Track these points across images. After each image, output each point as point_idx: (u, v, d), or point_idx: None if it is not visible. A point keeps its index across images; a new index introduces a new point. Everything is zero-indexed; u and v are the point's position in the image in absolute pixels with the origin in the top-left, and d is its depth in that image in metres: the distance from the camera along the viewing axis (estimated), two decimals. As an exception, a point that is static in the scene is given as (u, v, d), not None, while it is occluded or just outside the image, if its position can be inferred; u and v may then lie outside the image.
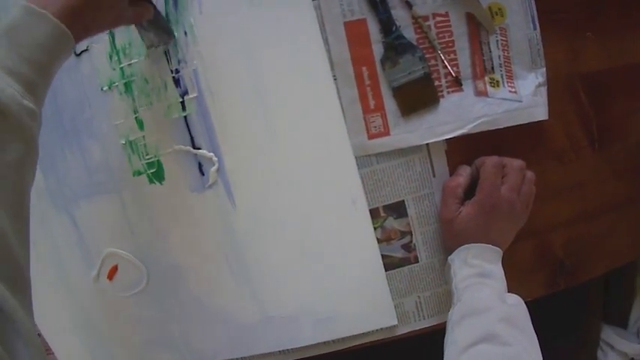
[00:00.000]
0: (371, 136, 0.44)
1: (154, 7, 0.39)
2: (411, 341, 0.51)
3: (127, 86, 0.44)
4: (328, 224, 0.45)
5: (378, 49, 0.42)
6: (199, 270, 0.48)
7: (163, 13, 0.42)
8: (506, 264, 0.43)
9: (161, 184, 0.45)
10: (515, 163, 0.43)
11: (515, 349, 0.36)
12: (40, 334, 0.54)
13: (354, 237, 0.45)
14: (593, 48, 0.46)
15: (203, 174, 0.45)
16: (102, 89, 0.45)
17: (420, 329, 0.50)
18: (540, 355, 0.38)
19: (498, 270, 0.42)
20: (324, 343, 0.49)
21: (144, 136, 0.45)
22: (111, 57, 0.44)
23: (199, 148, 0.44)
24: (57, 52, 0.32)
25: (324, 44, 0.42)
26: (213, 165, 0.44)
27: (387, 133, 0.44)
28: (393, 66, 0.42)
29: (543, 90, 0.45)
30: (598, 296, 0.66)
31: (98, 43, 0.44)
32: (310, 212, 0.45)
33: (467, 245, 0.42)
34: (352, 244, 0.45)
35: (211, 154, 0.44)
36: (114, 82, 0.44)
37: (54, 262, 0.50)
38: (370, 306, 0.47)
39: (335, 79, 0.42)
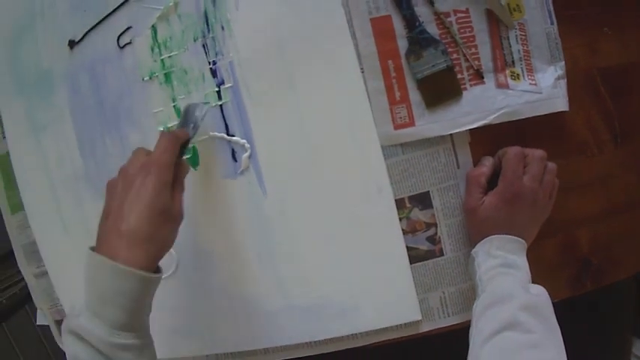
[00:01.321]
0: (397, 127, 0.46)
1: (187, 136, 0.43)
2: (435, 341, 0.51)
3: (167, 77, 0.47)
4: (354, 213, 0.46)
5: (402, 44, 0.44)
6: (227, 256, 0.50)
7: (202, 9, 0.45)
8: (530, 260, 0.43)
9: (195, 169, 0.48)
10: (536, 153, 0.44)
11: (537, 337, 0.37)
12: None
13: (380, 226, 0.46)
14: (610, 43, 0.48)
15: (236, 160, 0.47)
16: (143, 79, 0.48)
17: (444, 327, 0.50)
18: (562, 346, 0.38)
19: (522, 261, 0.42)
20: (348, 337, 0.50)
21: (181, 124, 0.47)
22: (152, 49, 0.47)
23: (233, 135, 0.46)
24: (143, 293, 0.37)
25: (352, 39, 0.44)
26: (246, 152, 0.46)
27: (412, 123, 0.45)
28: (417, 59, 0.44)
29: (563, 82, 0.46)
30: (630, 309, 0.65)
31: (140, 37, 0.47)
32: (337, 201, 0.46)
33: (490, 237, 0.43)
34: (378, 233, 0.47)
35: (244, 140, 0.46)
36: (154, 73, 0.47)
37: (89, 244, 0.52)
38: (394, 299, 0.48)
39: (362, 72, 0.45)
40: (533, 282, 0.42)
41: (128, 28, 0.47)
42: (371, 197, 0.46)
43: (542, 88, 0.46)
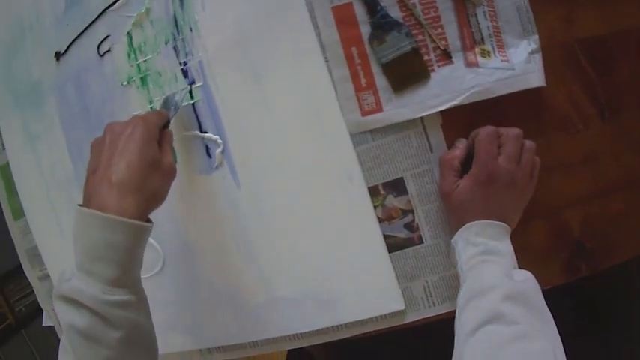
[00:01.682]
0: (364, 113, 0.45)
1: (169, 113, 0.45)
2: (426, 330, 0.50)
3: (143, 80, 0.49)
4: (327, 202, 0.46)
5: (365, 30, 0.44)
6: (211, 251, 0.51)
7: (171, 12, 0.47)
8: (518, 247, 0.41)
9: (174, 167, 0.49)
10: (511, 132, 0.42)
11: (523, 328, 0.34)
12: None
13: (355, 215, 0.46)
14: (588, 13, 0.45)
15: (210, 156, 0.48)
16: (122, 84, 0.50)
17: (432, 317, 0.48)
18: (553, 333, 0.36)
19: (504, 246, 0.40)
20: (334, 329, 0.50)
21: (158, 125, 0.49)
22: (129, 55, 0.49)
23: (206, 132, 0.48)
24: (135, 245, 0.37)
25: (314, 29, 0.44)
26: (219, 147, 0.47)
27: (379, 109, 0.45)
28: (381, 44, 0.44)
29: (537, 57, 0.44)
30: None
31: (118, 44, 0.50)
32: (310, 192, 0.46)
33: (468, 224, 0.41)
34: (353, 222, 0.46)
35: (217, 136, 0.47)
36: (132, 77, 0.50)
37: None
38: (375, 289, 0.47)
39: (327, 61, 0.45)
40: (522, 269, 0.40)
41: (107, 37, 0.50)
42: (343, 186, 0.46)
43: (515, 64, 0.44)
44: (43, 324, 0.62)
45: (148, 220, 0.40)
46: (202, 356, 0.56)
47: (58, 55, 0.52)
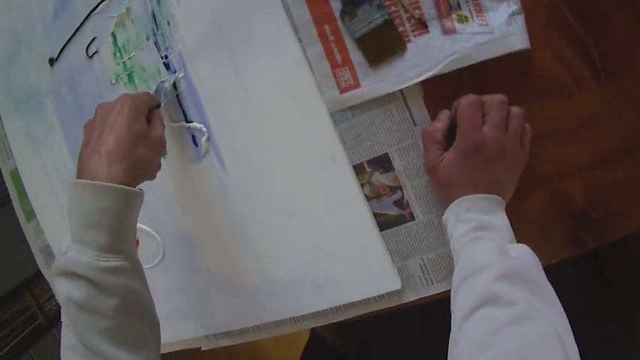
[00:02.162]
0: (342, 90, 0.45)
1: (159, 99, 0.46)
2: (428, 309, 0.49)
3: (130, 76, 0.51)
4: (312, 183, 0.46)
5: (336, 5, 0.44)
6: (207, 238, 0.52)
7: (149, 9, 0.48)
8: (517, 221, 0.39)
9: (165, 159, 0.51)
10: (494, 98, 0.40)
11: (521, 309, 0.32)
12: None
13: (341, 195, 0.46)
14: (570, -33, 0.43)
15: (197, 145, 0.49)
16: (111, 82, 0.52)
17: (431, 296, 0.48)
18: (556, 311, 0.33)
19: (498, 220, 0.38)
20: (333, 311, 0.50)
21: (146, 118, 0.51)
22: (115, 54, 0.51)
23: (191, 122, 0.49)
24: (125, 211, 0.38)
25: (285, 11, 0.44)
26: (203, 135, 0.48)
27: (357, 85, 0.45)
28: (352, 18, 0.43)
29: (519, 18, 0.42)
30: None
31: (104, 45, 0.51)
32: (294, 173, 0.46)
33: (458, 200, 0.39)
34: (340, 201, 0.46)
35: (201, 125, 0.48)
36: (119, 75, 0.51)
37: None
38: (370, 269, 0.47)
39: (300, 41, 0.45)
40: (523, 243, 0.38)
41: (94, 39, 0.52)
42: (326, 166, 0.45)
43: (495, 28, 0.42)
44: (62, 319, 0.65)
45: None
46: (209, 342, 0.57)
47: (52, 61, 0.54)
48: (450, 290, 0.45)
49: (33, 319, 1.09)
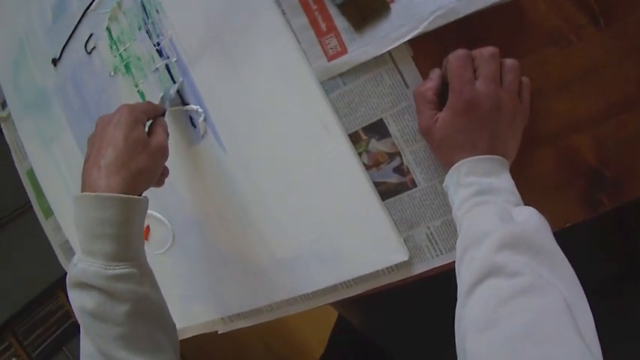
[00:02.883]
0: (330, 58, 0.45)
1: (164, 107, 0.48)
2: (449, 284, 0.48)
3: (127, 67, 0.52)
4: (309, 156, 0.46)
5: (317, -27, 0.44)
6: (213, 219, 0.53)
7: (139, 0, 0.50)
8: (524, 183, 0.38)
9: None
10: (484, 51, 0.38)
11: (526, 279, 0.30)
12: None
13: (338, 165, 0.46)
14: None
15: (195, 127, 0.50)
16: (110, 75, 0.54)
17: (441, 266, 0.46)
18: (569, 279, 0.31)
19: (501, 182, 0.36)
20: (343, 287, 0.50)
21: (146, 106, 0.52)
22: (111, 47, 0.53)
23: (187, 104, 0.50)
24: (128, 219, 0.39)
25: (268, -16, 0.45)
26: (200, 116, 0.49)
27: (344, 51, 0.44)
28: (333, -16, 0.43)
29: (504, -35, 0.41)
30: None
31: (101, 40, 0.53)
32: (288, 146, 0.46)
33: (457, 164, 0.38)
34: (337, 172, 0.46)
35: (197, 106, 0.49)
36: (117, 67, 0.53)
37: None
38: (375, 241, 0.46)
39: (284, 14, 0.45)
40: (532, 206, 0.35)
41: (91, 36, 0.53)
42: (320, 136, 0.45)
43: (480, -22, 0.41)
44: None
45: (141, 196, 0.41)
46: (225, 325, 0.58)
47: (55, 61, 0.56)
48: (450, 261, 0.44)
49: (66, 317, 1.14)
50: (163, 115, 0.47)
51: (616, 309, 0.46)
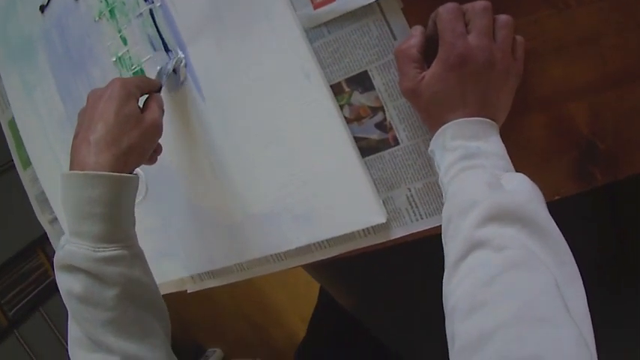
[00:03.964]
0: (316, 6, 0.43)
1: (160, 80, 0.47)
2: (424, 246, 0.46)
3: (111, 12, 0.51)
4: (287, 105, 0.45)
5: None
6: (187, 170, 0.51)
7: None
8: (513, 148, 0.36)
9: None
10: (476, 5, 0.36)
11: (514, 253, 0.28)
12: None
13: (317, 116, 0.44)
14: None
15: (176, 73, 0.49)
16: (95, 20, 0.53)
17: (421, 232, 0.44)
18: (561, 252, 0.29)
19: (489, 145, 0.34)
20: (317, 247, 0.48)
21: (128, 50, 0.51)
22: (97, -9, 0.52)
23: (170, 50, 0.49)
24: (117, 198, 0.37)
25: None
26: (181, 62, 0.48)
27: (331, -1, 0.43)
28: None
29: None
30: None
31: (88, -15, 0.52)
32: (267, 95, 0.45)
33: (443, 127, 0.36)
34: (316, 123, 0.44)
35: (179, 52, 0.48)
36: (102, 12, 0.52)
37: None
38: (352, 200, 0.44)
39: (271, -41, 0.44)
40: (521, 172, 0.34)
41: (79, -20, 0.53)
42: (300, 85, 0.44)
43: None
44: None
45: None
46: (195, 283, 0.56)
47: (43, 8, 0.56)
48: (435, 227, 0.42)
49: (45, 276, 1.11)
50: (159, 90, 0.45)
51: (605, 295, 0.44)
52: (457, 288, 0.29)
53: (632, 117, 0.39)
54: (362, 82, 0.44)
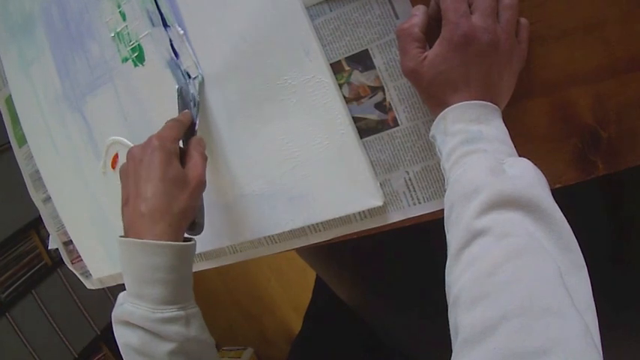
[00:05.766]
0: (318, -18, 0.43)
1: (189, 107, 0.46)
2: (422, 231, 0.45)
3: (112, -15, 0.51)
4: (285, 81, 0.44)
5: None
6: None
7: None
8: (513, 132, 0.35)
9: (143, 65, 0.50)
10: None
11: (517, 240, 0.27)
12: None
13: (315, 94, 0.43)
14: None
15: (174, 49, 0.48)
16: (95, -5, 0.52)
17: (418, 217, 0.44)
18: (566, 240, 0.28)
19: (491, 129, 0.33)
20: (311, 231, 0.47)
21: (127, 26, 0.50)
22: (99, -35, 0.51)
23: (168, 26, 0.48)
24: (178, 265, 0.38)
25: None
26: (181, 38, 0.47)
27: (334, -25, 0.43)
28: None
29: None
30: None
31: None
32: (265, 71, 0.44)
33: (444, 112, 0.35)
34: (314, 102, 0.43)
35: (179, 28, 0.47)
36: (103, -15, 0.51)
37: (73, 159, 0.57)
38: (349, 181, 0.44)
39: None
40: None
41: (81, -46, 0.52)
42: (300, 62, 0.43)
43: None
44: (49, 247, 0.65)
45: (188, 240, 0.41)
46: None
47: (44, -18, 0.55)
48: (439, 211, 0.41)
49: (38, 259, 1.11)
50: (194, 128, 0.45)
51: (603, 291, 0.43)
52: (460, 278, 0.28)
53: (636, 106, 0.38)
54: (362, 60, 0.43)
